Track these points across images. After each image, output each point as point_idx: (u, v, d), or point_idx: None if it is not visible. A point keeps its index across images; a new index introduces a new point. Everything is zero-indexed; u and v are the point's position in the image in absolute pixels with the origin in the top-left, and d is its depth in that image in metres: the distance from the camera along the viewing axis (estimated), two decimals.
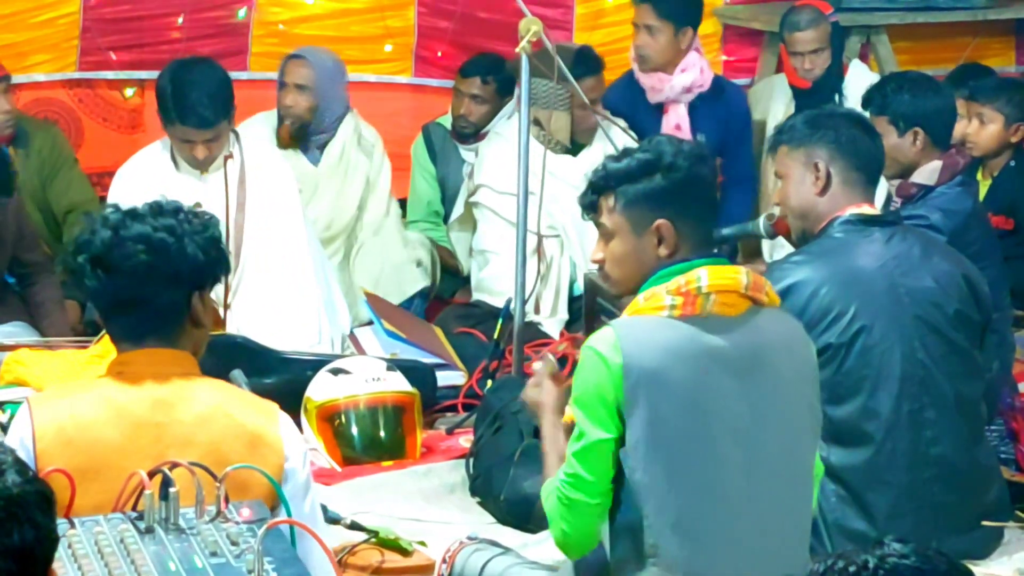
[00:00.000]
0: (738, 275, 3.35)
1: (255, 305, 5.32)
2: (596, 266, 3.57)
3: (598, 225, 3.48)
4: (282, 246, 5.41)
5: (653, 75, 6.28)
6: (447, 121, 6.58)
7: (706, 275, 3.31)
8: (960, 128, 5.56)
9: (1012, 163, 6.07)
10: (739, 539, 3.30)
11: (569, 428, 3.39)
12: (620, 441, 3.26)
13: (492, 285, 5.94)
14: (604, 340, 3.28)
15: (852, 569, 2.03)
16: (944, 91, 5.07)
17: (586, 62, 5.91)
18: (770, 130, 5.97)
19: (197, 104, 5.25)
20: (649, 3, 6.20)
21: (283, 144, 5.95)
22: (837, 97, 6.33)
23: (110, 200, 5.48)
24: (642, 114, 6.24)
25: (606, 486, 3.29)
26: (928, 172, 4.92)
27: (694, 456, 3.27)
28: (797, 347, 3.44)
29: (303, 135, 6.00)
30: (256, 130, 5.90)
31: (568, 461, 3.32)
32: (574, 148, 5.99)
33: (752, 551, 3.31)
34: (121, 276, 3.00)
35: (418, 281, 6.03)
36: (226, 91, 5.33)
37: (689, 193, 3.40)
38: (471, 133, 6.47)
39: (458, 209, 6.35)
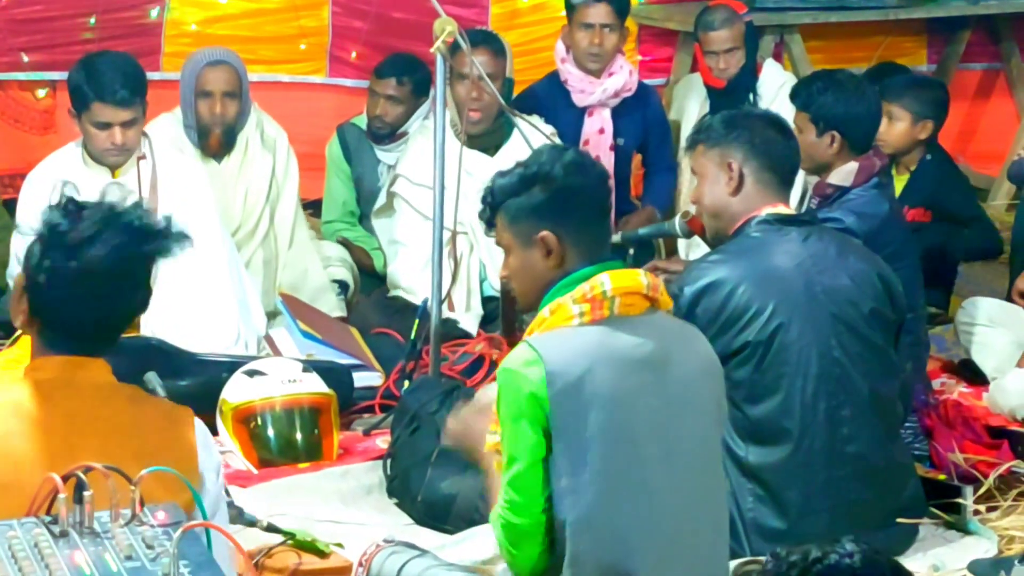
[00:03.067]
0: (639, 277, 3.41)
1: (169, 308, 5.28)
2: None
3: (497, 242, 3.52)
4: (197, 250, 5.36)
5: (584, 78, 6.29)
6: (362, 121, 6.55)
7: (608, 279, 3.35)
8: None
9: (928, 157, 6.13)
10: (663, 534, 3.33)
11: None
12: (548, 456, 3.27)
13: (400, 279, 5.93)
14: (521, 359, 3.30)
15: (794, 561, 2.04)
16: (869, 96, 5.10)
17: (487, 38, 5.95)
18: (685, 129, 6.02)
19: (113, 81, 5.25)
20: (608, 1, 6.21)
21: (212, 152, 5.86)
22: (751, 96, 6.37)
23: (21, 203, 5.43)
24: (564, 117, 6.24)
25: (542, 505, 3.29)
26: (844, 173, 4.95)
27: (619, 455, 3.30)
28: (698, 343, 3.50)
29: (231, 141, 5.93)
30: (164, 131, 5.83)
31: (503, 488, 3.32)
32: (491, 147, 5.99)
33: (675, 544, 3.34)
34: (88, 286, 2.96)
35: (335, 310, 5.98)
36: (140, 74, 5.35)
37: (570, 202, 3.43)
38: (387, 134, 6.45)
39: (381, 198, 6.34)
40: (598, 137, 6.36)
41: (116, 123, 5.27)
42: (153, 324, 5.18)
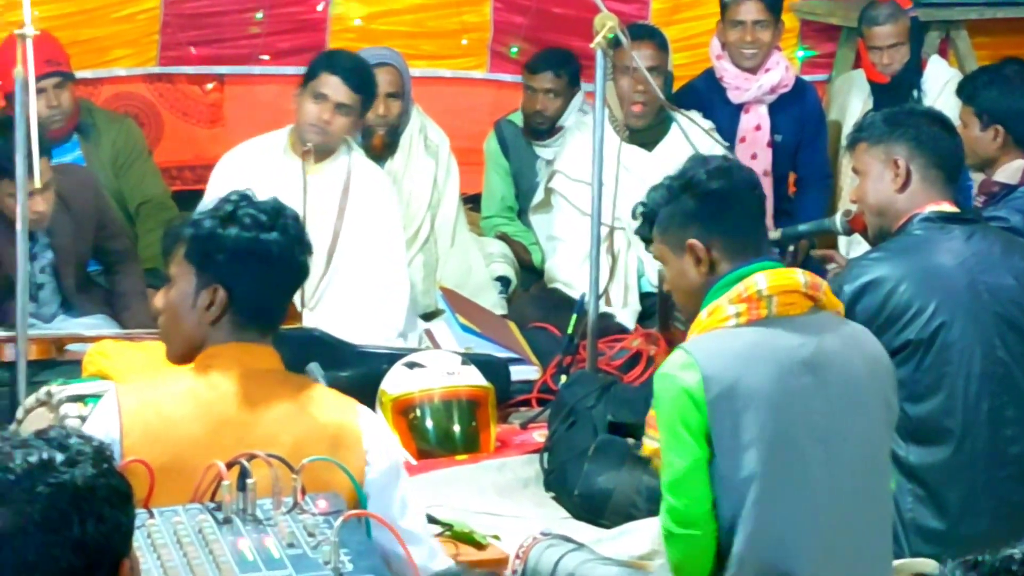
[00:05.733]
0: (795, 275, 3.39)
1: (339, 304, 5.38)
2: None
3: (655, 255, 3.55)
4: (377, 250, 5.46)
5: (739, 75, 6.26)
6: (518, 118, 6.58)
7: (763, 278, 3.34)
8: None
9: None
10: (825, 536, 3.31)
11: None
12: (708, 462, 3.27)
13: (558, 274, 5.96)
14: (677, 363, 3.30)
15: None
16: None
17: (649, 33, 5.93)
18: (847, 126, 5.95)
19: (349, 62, 5.45)
20: None
21: (376, 153, 5.91)
22: (916, 93, 6.29)
23: (212, 182, 5.55)
24: (721, 113, 6.21)
25: (704, 512, 3.29)
26: (1011, 171, 4.88)
27: (778, 458, 3.28)
28: (865, 343, 3.46)
29: (395, 142, 5.99)
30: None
31: (663, 495, 3.33)
32: (650, 143, 5.98)
33: (837, 546, 3.33)
34: (276, 272, 3.03)
35: (496, 307, 6.02)
36: (373, 80, 5.54)
37: (717, 207, 3.42)
38: (547, 129, 6.47)
39: (539, 194, 6.36)
40: (755, 134, 6.32)
41: (333, 100, 5.36)
42: (318, 318, 5.26)
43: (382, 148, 5.92)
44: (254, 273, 3.02)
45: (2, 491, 1.98)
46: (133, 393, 3.02)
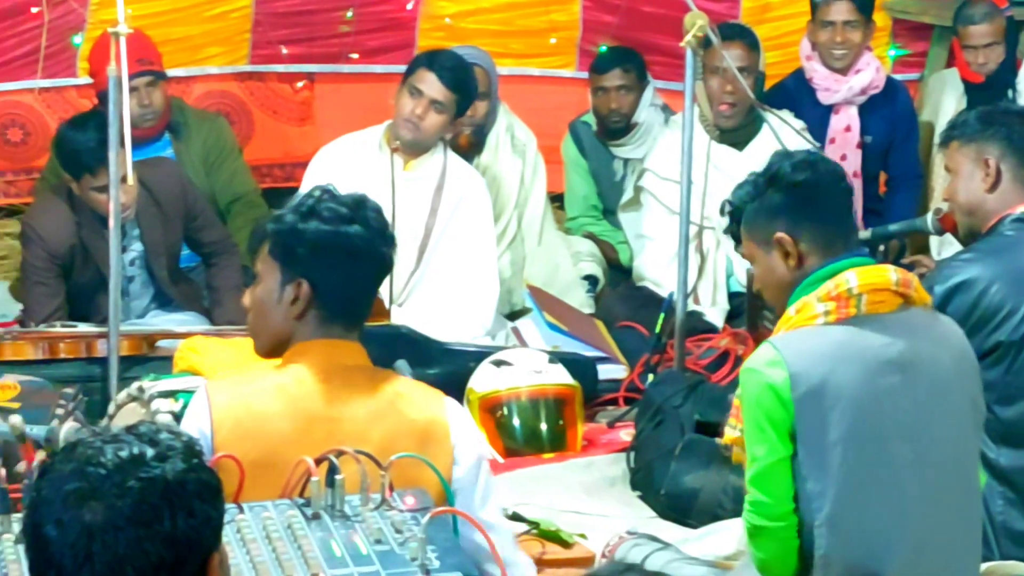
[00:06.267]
0: (887, 272, 3.36)
1: (428, 301, 5.39)
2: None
3: (743, 254, 3.54)
4: (469, 253, 5.47)
5: (829, 75, 6.22)
6: (590, 119, 6.56)
7: (854, 276, 3.32)
8: None
9: None
10: (913, 536, 3.29)
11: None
12: (792, 457, 3.26)
13: (647, 272, 5.96)
14: (764, 359, 3.29)
15: None
16: None
17: (740, 32, 5.91)
18: (940, 125, 5.90)
19: (449, 61, 5.43)
20: None
21: (462, 152, 5.92)
22: (1010, 92, 6.24)
23: (307, 176, 5.58)
24: (810, 114, 6.17)
25: (788, 507, 3.28)
26: None
27: (866, 457, 3.27)
28: (955, 341, 3.44)
29: (481, 141, 6.01)
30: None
31: (747, 490, 3.32)
32: (741, 142, 5.95)
33: (925, 546, 3.30)
34: (359, 265, 3.05)
35: (584, 305, 6.02)
36: (472, 80, 5.54)
37: (802, 200, 3.41)
38: (623, 127, 6.46)
39: (628, 192, 6.36)
40: (845, 135, 6.28)
41: (428, 96, 5.37)
42: (406, 315, 5.28)
43: (468, 147, 5.93)
44: (336, 266, 3.03)
45: (94, 485, 2.00)
46: (223, 390, 3.04)
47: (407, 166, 5.44)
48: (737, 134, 5.94)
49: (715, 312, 5.78)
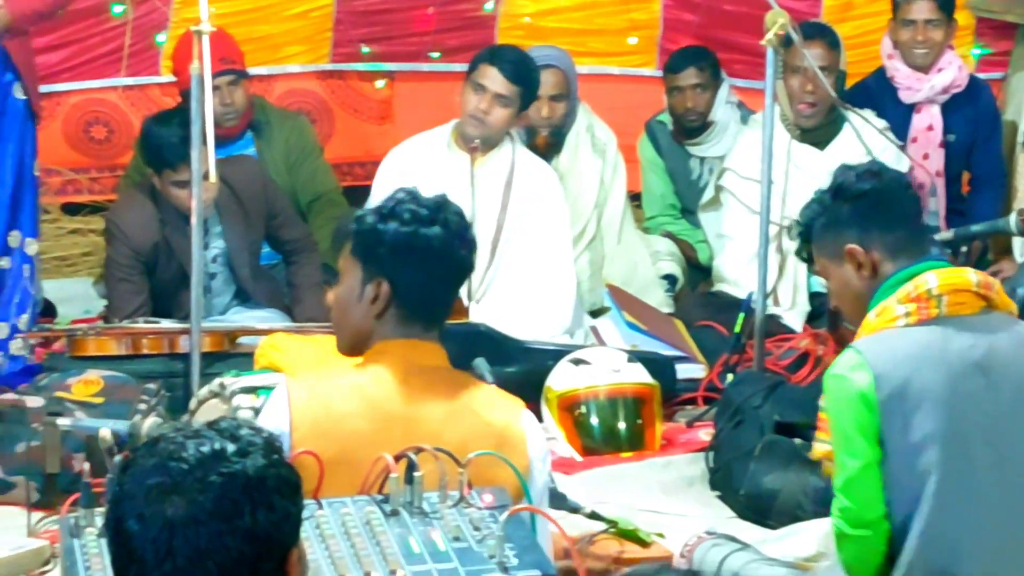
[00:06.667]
0: (966, 273, 3.35)
1: (505, 298, 5.40)
2: None
3: (816, 271, 3.53)
4: (543, 249, 5.48)
5: (911, 74, 6.18)
6: (666, 119, 6.55)
7: (934, 277, 3.31)
8: None
9: None
10: (994, 540, 3.28)
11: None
12: (881, 463, 3.24)
13: (726, 272, 5.94)
14: (848, 364, 3.28)
15: None
16: None
17: (821, 31, 5.88)
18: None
19: (509, 55, 5.50)
20: None
21: (540, 153, 5.90)
22: None
23: (378, 178, 5.61)
24: (892, 113, 6.13)
25: (878, 513, 3.27)
26: None
27: (948, 460, 3.25)
28: None
29: (560, 142, 6.01)
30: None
31: (836, 496, 3.31)
32: (822, 141, 5.91)
33: (1007, 551, 3.28)
34: (437, 266, 3.07)
35: (663, 304, 6.00)
36: (534, 73, 5.55)
37: (868, 209, 3.40)
38: (700, 125, 6.44)
39: (708, 191, 6.35)
40: (927, 134, 6.23)
41: (491, 91, 5.40)
42: (484, 313, 5.29)
43: (546, 147, 5.93)
44: (415, 266, 3.05)
45: (175, 480, 2.01)
46: (303, 387, 3.05)
47: (476, 162, 5.46)
48: (818, 133, 5.90)
49: (793, 315, 5.75)
